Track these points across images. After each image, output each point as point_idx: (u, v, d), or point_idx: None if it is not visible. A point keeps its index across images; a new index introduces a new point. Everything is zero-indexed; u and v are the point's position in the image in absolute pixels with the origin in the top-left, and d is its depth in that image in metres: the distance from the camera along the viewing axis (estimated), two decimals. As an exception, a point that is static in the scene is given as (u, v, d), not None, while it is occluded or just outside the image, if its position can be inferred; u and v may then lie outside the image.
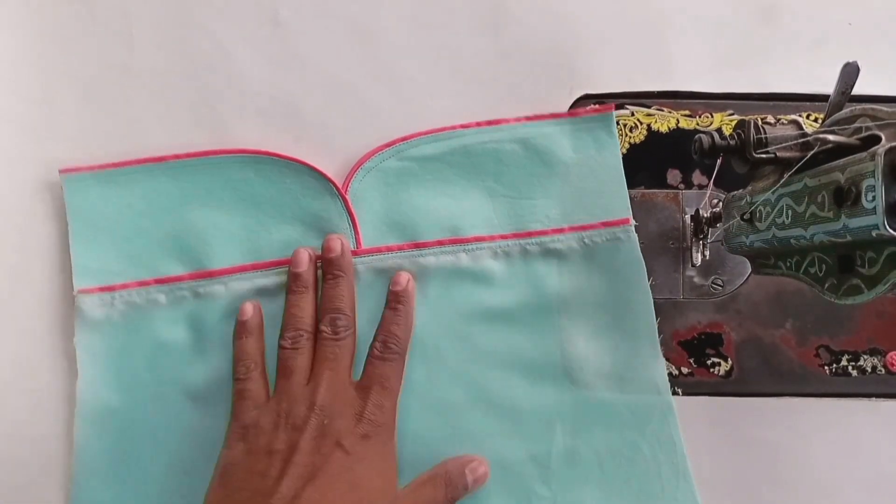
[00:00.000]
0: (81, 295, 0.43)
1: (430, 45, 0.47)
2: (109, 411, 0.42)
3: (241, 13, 0.47)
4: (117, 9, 0.46)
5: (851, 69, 0.33)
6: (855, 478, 0.44)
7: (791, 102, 0.46)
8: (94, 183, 0.44)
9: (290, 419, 0.38)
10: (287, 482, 0.36)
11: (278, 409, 0.39)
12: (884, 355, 0.45)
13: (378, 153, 0.45)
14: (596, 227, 0.44)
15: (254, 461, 0.37)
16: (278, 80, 0.46)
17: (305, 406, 0.38)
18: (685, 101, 0.46)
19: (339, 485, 0.37)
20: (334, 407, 0.38)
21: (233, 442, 0.39)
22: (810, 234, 0.33)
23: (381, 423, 0.39)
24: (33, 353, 0.44)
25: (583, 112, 0.45)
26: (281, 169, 0.44)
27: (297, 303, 0.42)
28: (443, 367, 0.43)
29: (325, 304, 0.42)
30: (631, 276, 0.43)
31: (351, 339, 0.41)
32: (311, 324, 0.41)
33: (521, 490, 0.42)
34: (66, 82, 0.46)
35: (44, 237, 0.45)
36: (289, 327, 0.41)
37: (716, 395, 0.45)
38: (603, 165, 0.44)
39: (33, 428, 0.43)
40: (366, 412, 0.39)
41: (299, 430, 0.38)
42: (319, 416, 0.38)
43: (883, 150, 0.28)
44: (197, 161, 0.44)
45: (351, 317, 0.41)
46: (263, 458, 0.37)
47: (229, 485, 0.37)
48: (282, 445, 0.37)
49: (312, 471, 0.37)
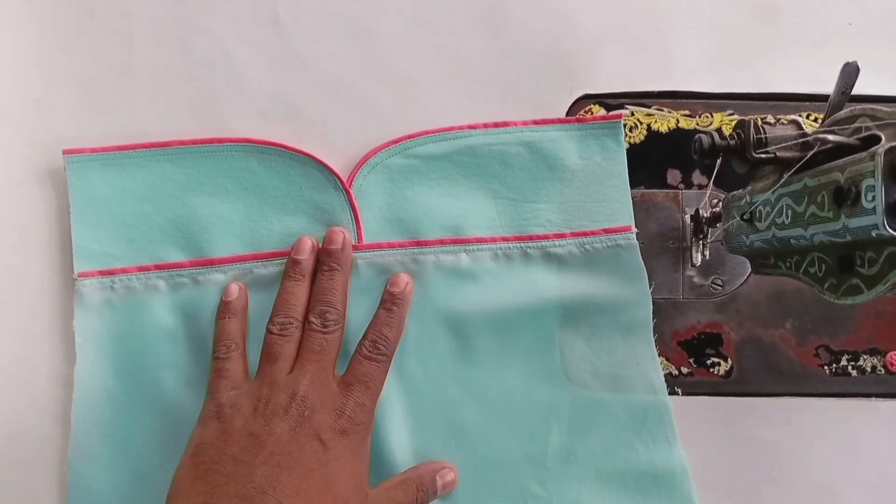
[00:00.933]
0: (81, 278, 0.43)
1: (430, 44, 0.47)
2: (107, 395, 0.42)
3: (241, 13, 0.47)
4: (117, 9, 0.46)
5: (851, 69, 0.33)
6: (855, 478, 0.44)
7: (791, 102, 0.46)
8: (97, 166, 0.44)
9: (270, 405, 0.38)
10: (263, 469, 0.35)
11: (259, 393, 0.38)
12: (884, 355, 0.45)
13: (384, 149, 0.45)
14: (597, 234, 0.44)
15: (228, 442, 0.37)
16: (278, 79, 0.46)
17: (287, 394, 0.38)
18: (685, 101, 0.46)
19: (315, 479, 0.36)
20: (316, 399, 0.38)
21: (207, 420, 0.38)
22: (810, 234, 0.33)
23: (360, 421, 0.39)
24: (32, 336, 0.44)
25: (590, 119, 0.45)
26: (286, 160, 0.44)
27: (292, 290, 0.41)
28: (440, 366, 0.43)
29: (317, 296, 0.41)
30: (631, 283, 0.43)
31: (339, 333, 0.41)
32: (301, 313, 0.41)
33: (517, 489, 0.42)
34: (65, 82, 0.46)
35: (45, 220, 0.45)
36: (279, 313, 0.41)
37: (715, 395, 0.45)
38: (608, 173, 0.44)
39: (31, 410, 0.43)
40: (346, 409, 0.38)
41: (279, 418, 0.37)
42: (300, 407, 0.37)
43: (883, 150, 0.28)
44: (202, 148, 0.44)
45: (341, 312, 0.41)
46: (239, 440, 0.37)
47: (202, 465, 0.36)
48: (259, 430, 0.37)
49: (290, 461, 0.36)
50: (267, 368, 0.39)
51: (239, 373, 0.40)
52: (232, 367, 0.40)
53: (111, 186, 0.44)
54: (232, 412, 0.38)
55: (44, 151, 0.45)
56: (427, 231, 0.44)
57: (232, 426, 0.37)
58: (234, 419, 0.37)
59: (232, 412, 0.38)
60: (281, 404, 0.38)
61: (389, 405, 0.42)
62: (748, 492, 0.44)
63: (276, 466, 0.36)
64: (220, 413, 0.38)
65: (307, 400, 0.38)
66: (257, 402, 0.38)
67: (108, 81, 0.46)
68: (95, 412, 0.42)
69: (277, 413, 0.37)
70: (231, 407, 0.38)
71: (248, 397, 0.38)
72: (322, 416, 0.38)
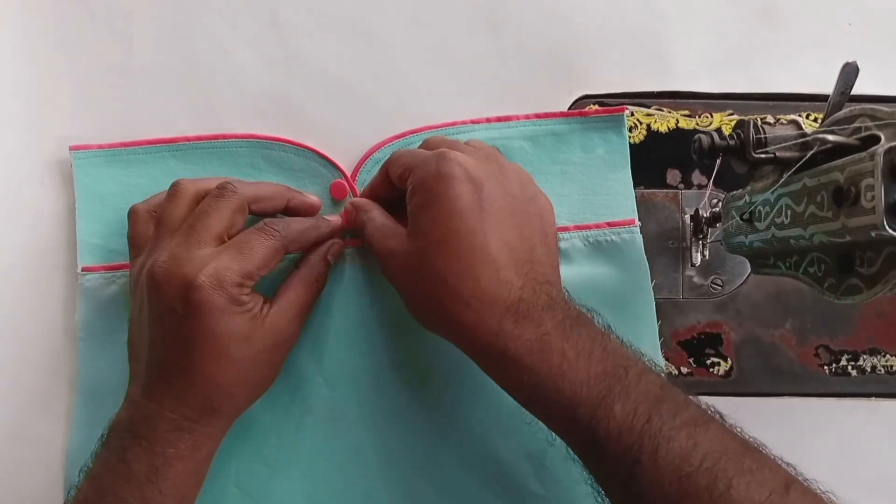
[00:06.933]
0: (85, 273, 0.43)
1: (430, 45, 0.47)
2: (108, 390, 0.41)
3: (241, 13, 0.47)
4: (117, 9, 0.46)
5: (851, 69, 0.33)
6: (855, 478, 0.44)
7: (791, 102, 0.46)
8: (102, 162, 0.44)
9: (149, 258, 0.38)
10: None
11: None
12: (883, 355, 0.45)
13: (388, 144, 0.45)
14: (601, 227, 0.44)
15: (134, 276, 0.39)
16: (278, 79, 0.46)
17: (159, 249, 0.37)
18: (685, 101, 0.46)
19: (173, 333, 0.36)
20: (183, 253, 0.36)
21: None
22: (809, 234, 0.33)
23: (227, 283, 0.36)
24: (34, 333, 0.44)
25: (593, 112, 0.45)
26: (290, 156, 0.44)
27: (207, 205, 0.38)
28: (442, 361, 0.42)
29: None
30: (634, 277, 0.43)
31: (233, 202, 0.38)
32: (179, 220, 0.39)
33: (516, 487, 0.42)
34: (65, 82, 0.46)
35: (47, 217, 0.45)
36: None
37: (715, 395, 0.44)
38: (611, 166, 0.44)
39: (33, 402, 0.43)
40: (209, 267, 0.35)
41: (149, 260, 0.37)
42: (165, 261, 0.36)
43: (882, 150, 0.28)
44: (206, 144, 0.44)
45: (240, 192, 0.38)
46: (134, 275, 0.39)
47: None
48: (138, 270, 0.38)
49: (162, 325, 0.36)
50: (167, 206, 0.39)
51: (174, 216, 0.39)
52: (172, 209, 0.39)
53: (116, 182, 0.44)
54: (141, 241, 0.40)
55: (45, 150, 0.45)
56: None
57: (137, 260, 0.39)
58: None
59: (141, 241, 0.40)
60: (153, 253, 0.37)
61: (392, 400, 0.42)
62: (748, 492, 0.44)
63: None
64: (135, 239, 0.41)
65: (175, 257, 0.36)
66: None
67: (108, 81, 0.46)
68: (97, 406, 0.42)
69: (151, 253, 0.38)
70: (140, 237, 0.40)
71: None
72: (188, 268, 0.35)
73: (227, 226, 0.38)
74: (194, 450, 0.36)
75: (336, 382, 0.43)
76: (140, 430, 0.35)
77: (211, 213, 0.37)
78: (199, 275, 0.35)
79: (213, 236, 0.37)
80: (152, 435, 0.35)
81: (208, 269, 0.35)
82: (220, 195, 0.38)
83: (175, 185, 0.40)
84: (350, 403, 0.42)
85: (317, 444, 0.42)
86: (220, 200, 0.38)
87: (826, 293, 0.34)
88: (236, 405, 0.38)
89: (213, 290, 0.35)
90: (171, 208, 0.39)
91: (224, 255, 0.36)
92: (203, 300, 0.35)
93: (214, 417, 0.36)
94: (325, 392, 0.43)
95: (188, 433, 0.35)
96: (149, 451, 0.35)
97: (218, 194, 0.38)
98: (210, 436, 0.37)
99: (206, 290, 0.35)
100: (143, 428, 0.35)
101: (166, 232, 0.38)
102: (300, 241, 0.39)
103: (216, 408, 0.36)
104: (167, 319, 0.36)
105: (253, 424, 0.42)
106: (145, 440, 0.35)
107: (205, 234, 0.37)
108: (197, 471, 0.37)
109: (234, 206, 0.38)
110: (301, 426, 0.42)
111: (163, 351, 0.36)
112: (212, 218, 0.37)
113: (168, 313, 0.35)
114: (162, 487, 0.35)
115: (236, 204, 0.38)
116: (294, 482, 0.42)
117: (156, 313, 0.36)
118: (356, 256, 0.43)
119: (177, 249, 0.36)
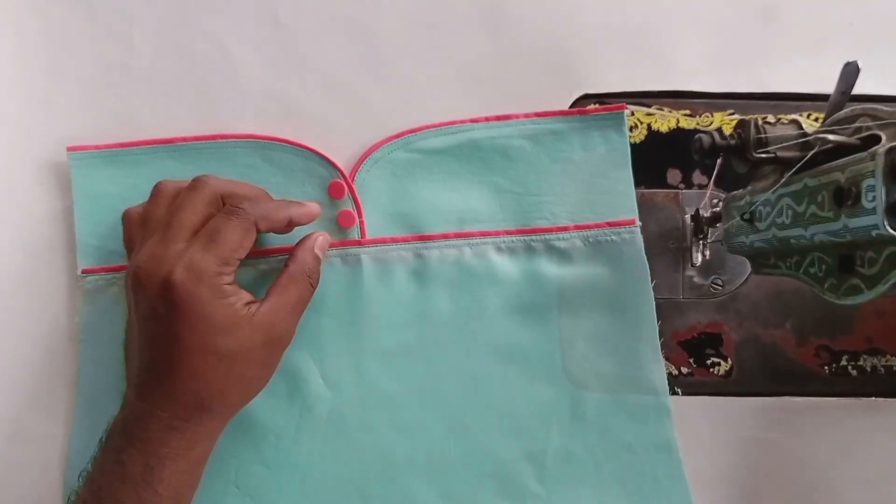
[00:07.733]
0: (85, 275, 0.43)
1: (430, 45, 0.46)
2: (109, 393, 0.41)
3: (241, 13, 0.47)
4: (117, 9, 0.46)
5: (852, 69, 0.33)
6: (855, 478, 0.44)
7: (791, 102, 0.46)
8: (101, 163, 0.44)
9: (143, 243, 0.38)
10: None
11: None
12: (884, 355, 0.45)
13: (386, 144, 0.45)
14: (601, 227, 0.44)
15: None
16: (278, 79, 0.46)
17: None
18: (685, 101, 0.46)
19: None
20: (159, 251, 0.36)
21: None
22: (810, 234, 0.33)
23: (201, 270, 0.36)
24: (34, 334, 0.44)
25: (593, 110, 0.45)
26: (289, 156, 0.44)
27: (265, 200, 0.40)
28: (442, 362, 0.43)
29: None
30: (634, 277, 0.43)
31: (207, 192, 0.38)
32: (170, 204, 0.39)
33: (516, 488, 0.42)
34: (65, 83, 0.46)
35: (47, 218, 0.45)
36: None
37: (715, 395, 0.45)
38: (611, 164, 0.44)
39: (33, 403, 0.43)
40: (184, 258, 0.35)
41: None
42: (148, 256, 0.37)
43: (883, 149, 0.28)
44: (205, 145, 0.44)
45: (214, 186, 0.38)
46: None
47: None
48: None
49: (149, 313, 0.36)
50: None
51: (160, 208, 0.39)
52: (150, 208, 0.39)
53: (115, 183, 0.44)
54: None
55: (44, 151, 0.45)
56: (430, 225, 0.44)
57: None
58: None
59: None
60: None
61: (392, 401, 0.42)
62: (748, 492, 0.44)
63: None
64: (129, 243, 0.41)
65: (154, 256, 0.36)
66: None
67: (108, 81, 0.46)
68: (98, 408, 0.42)
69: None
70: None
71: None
72: (165, 267, 0.35)
73: (201, 218, 0.38)
74: (188, 449, 0.36)
75: (335, 383, 0.43)
76: (134, 431, 0.35)
77: (185, 207, 0.37)
78: (174, 271, 0.35)
79: (189, 230, 0.37)
80: (145, 435, 0.35)
81: (182, 262, 0.35)
82: (192, 187, 0.38)
83: (156, 186, 0.40)
84: (349, 404, 0.43)
85: (316, 444, 0.42)
86: (193, 193, 0.38)
87: (827, 293, 0.34)
88: (229, 404, 0.38)
89: (192, 284, 0.35)
90: (154, 208, 0.39)
91: (195, 246, 0.36)
92: (182, 296, 0.35)
93: (206, 416, 0.36)
94: (324, 392, 0.43)
95: (180, 432, 0.36)
96: (143, 452, 0.35)
97: (191, 187, 0.38)
98: (203, 435, 0.37)
99: (185, 285, 0.35)
100: (136, 429, 0.35)
101: (148, 233, 0.38)
102: (270, 217, 0.38)
103: (207, 406, 0.36)
104: (152, 320, 0.36)
105: (252, 425, 0.42)
106: (139, 441, 0.35)
107: (180, 230, 0.37)
108: (192, 471, 0.37)
109: (206, 198, 0.38)
110: (301, 426, 0.42)
111: (151, 351, 0.36)
112: (185, 212, 0.37)
113: (152, 313, 0.36)
114: (157, 488, 0.35)
115: (209, 196, 0.38)
116: (293, 482, 0.42)
117: (142, 314, 0.36)
118: (356, 256, 0.43)
119: (155, 248, 0.36)
